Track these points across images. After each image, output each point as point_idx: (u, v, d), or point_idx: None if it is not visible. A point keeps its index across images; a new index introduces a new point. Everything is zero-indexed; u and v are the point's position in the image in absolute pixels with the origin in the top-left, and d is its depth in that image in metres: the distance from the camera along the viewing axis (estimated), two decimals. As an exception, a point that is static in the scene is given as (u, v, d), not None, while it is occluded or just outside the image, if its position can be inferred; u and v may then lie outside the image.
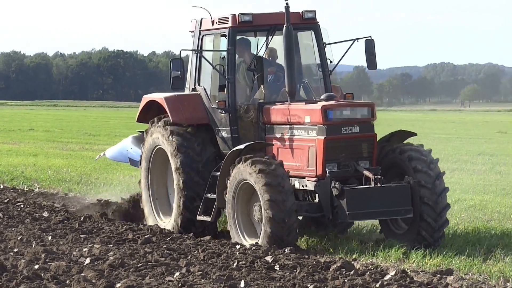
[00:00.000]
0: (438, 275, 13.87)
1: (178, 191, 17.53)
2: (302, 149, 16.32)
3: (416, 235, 16.07)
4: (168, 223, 18.30)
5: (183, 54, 17.84)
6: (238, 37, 17.64)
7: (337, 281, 12.79)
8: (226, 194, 16.26)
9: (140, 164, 19.29)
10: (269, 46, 17.93)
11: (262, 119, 17.33)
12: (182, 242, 17.64)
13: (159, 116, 18.35)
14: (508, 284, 13.39)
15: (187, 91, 18.48)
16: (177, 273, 14.23)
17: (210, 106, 17.84)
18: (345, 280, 12.81)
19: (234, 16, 17.25)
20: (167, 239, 17.88)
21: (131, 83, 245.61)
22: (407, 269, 14.38)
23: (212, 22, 17.82)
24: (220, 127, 17.59)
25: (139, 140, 20.54)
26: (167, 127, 17.73)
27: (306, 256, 15.25)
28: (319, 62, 17.83)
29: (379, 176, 15.59)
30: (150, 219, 18.78)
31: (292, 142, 16.62)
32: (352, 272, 13.64)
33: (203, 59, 17.92)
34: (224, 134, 17.55)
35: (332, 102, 16.09)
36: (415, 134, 17.00)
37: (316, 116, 15.90)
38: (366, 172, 15.77)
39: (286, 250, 15.25)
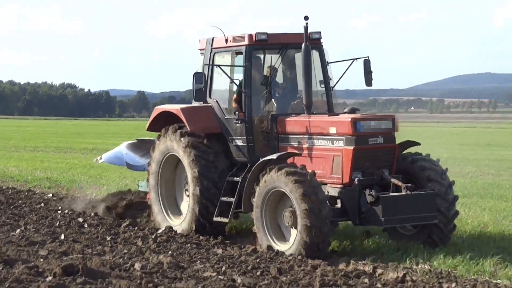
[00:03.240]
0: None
1: (194, 198, 17.97)
2: (325, 157, 16.59)
3: (426, 237, 16.56)
4: (180, 224, 18.79)
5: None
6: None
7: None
8: (254, 199, 16.52)
9: (149, 166, 19.60)
10: (270, 64, 18.36)
11: (275, 129, 17.66)
12: (21, 209, 22.36)
13: (172, 125, 18.69)
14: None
15: (195, 103, 18.81)
16: (18, 230, 19.19)
17: (224, 117, 18.28)
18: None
19: (250, 35, 17.68)
20: (11, 207, 22.70)
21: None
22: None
23: (226, 40, 18.27)
24: (235, 136, 17.98)
25: (134, 146, 22.03)
26: (183, 138, 18.09)
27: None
28: (321, 79, 18.32)
29: (409, 184, 15.96)
30: (160, 217, 19.36)
31: (312, 151, 16.92)
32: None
33: (214, 73, 18.42)
34: (239, 143, 17.90)
35: (359, 115, 16.45)
36: (418, 144, 17.32)
37: (344, 128, 16.19)
38: (394, 180, 16.17)
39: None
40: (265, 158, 16.63)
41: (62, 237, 18.19)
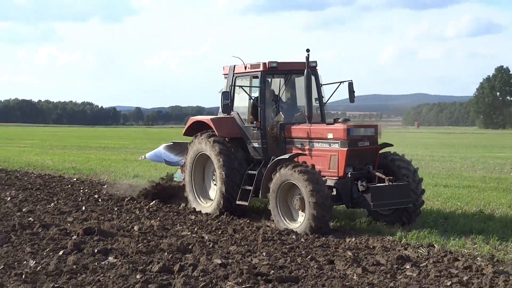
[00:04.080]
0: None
1: (221, 181, 17.01)
2: (323, 156, 15.77)
3: (398, 219, 15.79)
4: (209, 206, 17.70)
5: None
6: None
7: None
8: (270, 185, 15.52)
9: (184, 164, 18.64)
10: (279, 85, 17.39)
11: (283, 134, 16.78)
12: (54, 189, 21.24)
13: (201, 132, 17.95)
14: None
15: (221, 115, 17.79)
16: (52, 204, 19.01)
17: (243, 125, 17.38)
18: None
19: (264, 63, 16.71)
20: (47, 188, 21.80)
21: None
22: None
23: (245, 67, 17.28)
24: (252, 140, 17.11)
25: (170, 147, 21.06)
26: (211, 138, 17.36)
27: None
28: (317, 97, 17.30)
29: (391, 177, 15.30)
30: (194, 203, 18.21)
31: (313, 151, 16.09)
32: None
33: (235, 93, 17.44)
34: (255, 145, 17.05)
35: (351, 124, 15.62)
36: (391, 145, 16.49)
37: (340, 133, 15.41)
38: (379, 174, 15.41)
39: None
40: (279, 157, 15.81)
41: (83, 208, 18.07)
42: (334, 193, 15.28)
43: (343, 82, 17.05)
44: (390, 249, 13.14)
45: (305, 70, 16.10)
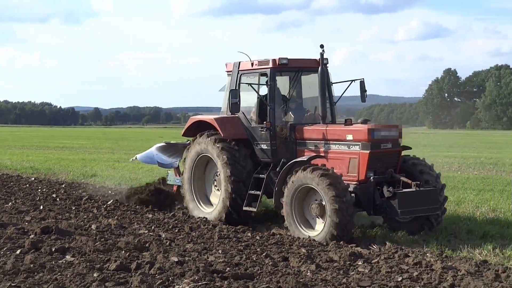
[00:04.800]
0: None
1: (226, 186, 15.55)
2: (341, 159, 14.38)
3: (419, 227, 14.54)
4: (212, 211, 16.27)
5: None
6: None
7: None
8: (285, 190, 14.21)
9: (179, 167, 17.85)
10: (289, 84, 16.22)
11: (294, 135, 15.42)
12: (12, 188, 20.22)
13: (206, 132, 16.33)
14: None
15: (224, 114, 16.54)
16: (10, 203, 18.85)
17: (250, 126, 15.94)
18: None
19: (274, 60, 15.36)
20: (5, 187, 21.88)
21: None
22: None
23: (252, 64, 15.90)
24: (260, 141, 15.67)
25: (163, 148, 19.53)
26: (215, 139, 15.86)
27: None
28: (326, 96, 15.76)
29: (418, 182, 13.96)
30: (191, 205, 16.86)
31: (329, 153, 14.68)
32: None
33: (241, 91, 15.76)
34: (264, 147, 15.61)
35: (373, 125, 14.32)
36: (410, 148, 14.91)
37: (362, 135, 14.05)
38: (404, 178, 14.14)
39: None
40: (296, 160, 14.56)
41: (41, 207, 17.81)
42: (354, 199, 13.93)
43: (354, 80, 15.95)
44: (343, 246, 13.19)
45: (320, 67, 14.93)
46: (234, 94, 15.32)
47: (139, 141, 69.81)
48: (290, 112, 15.85)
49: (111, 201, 18.89)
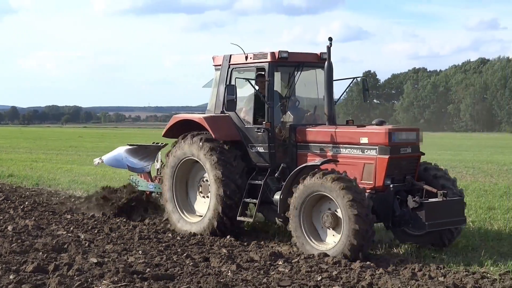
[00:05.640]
0: None
1: (217, 199, 13.97)
2: (354, 165, 12.90)
3: (437, 239, 13.04)
4: (198, 222, 14.62)
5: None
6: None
7: None
8: (291, 200, 12.74)
9: (163, 172, 15.55)
10: (288, 80, 14.64)
11: (294, 138, 13.94)
12: None
13: (189, 134, 14.75)
14: None
15: (212, 113, 14.89)
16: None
17: (243, 126, 14.33)
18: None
19: (273, 53, 13.88)
20: None
21: None
22: None
23: (246, 57, 14.36)
24: (255, 143, 14.14)
25: (132, 151, 18.10)
26: (204, 141, 14.28)
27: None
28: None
29: (445, 191, 12.54)
30: (175, 216, 15.07)
31: (338, 158, 13.16)
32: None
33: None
34: (260, 150, 14.08)
35: (391, 127, 12.88)
36: (423, 154, 13.33)
37: (380, 138, 12.60)
38: (427, 187, 12.73)
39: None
40: (307, 164, 13.13)
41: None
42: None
43: (356, 78, 14.79)
44: (264, 246, 13.29)
45: (326, 63, 13.47)
46: (231, 90, 13.73)
47: (58, 140, 68.98)
48: (289, 112, 14.45)
49: (28, 201, 18.49)
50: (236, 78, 14.26)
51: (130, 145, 18.48)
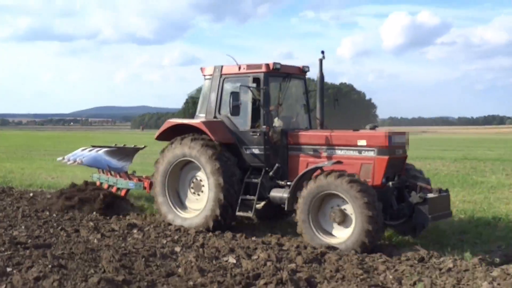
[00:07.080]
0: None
1: (217, 202, 14.41)
2: (351, 165, 13.47)
3: (410, 229, 13.43)
4: (191, 218, 15.06)
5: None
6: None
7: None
8: (300, 195, 13.27)
9: (156, 165, 15.68)
10: (279, 89, 15.23)
11: (286, 141, 14.56)
12: None
13: (188, 136, 15.21)
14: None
15: (204, 118, 15.40)
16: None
17: (238, 130, 14.84)
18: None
19: (267, 64, 14.47)
20: None
21: None
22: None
23: (239, 68, 14.90)
24: (251, 145, 14.66)
25: (112, 152, 18.92)
26: (208, 149, 14.67)
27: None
28: (304, 103, 15.72)
29: (441, 188, 13.50)
30: (164, 207, 15.50)
31: (333, 159, 13.80)
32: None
33: (223, 95, 15.17)
34: (256, 151, 14.59)
35: (389, 130, 13.64)
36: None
37: (379, 141, 13.26)
38: (422, 184, 13.41)
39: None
40: (318, 165, 13.60)
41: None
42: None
43: (328, 89, 14.64)
44: (122, 218, 15.43)
45: (319, 73, 14.51)
46: (236, 97, 14.42)
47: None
48: (278, 118, 15.00)
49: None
50: (240, 86, 14.56)
51: (93, 146, 19.82)
